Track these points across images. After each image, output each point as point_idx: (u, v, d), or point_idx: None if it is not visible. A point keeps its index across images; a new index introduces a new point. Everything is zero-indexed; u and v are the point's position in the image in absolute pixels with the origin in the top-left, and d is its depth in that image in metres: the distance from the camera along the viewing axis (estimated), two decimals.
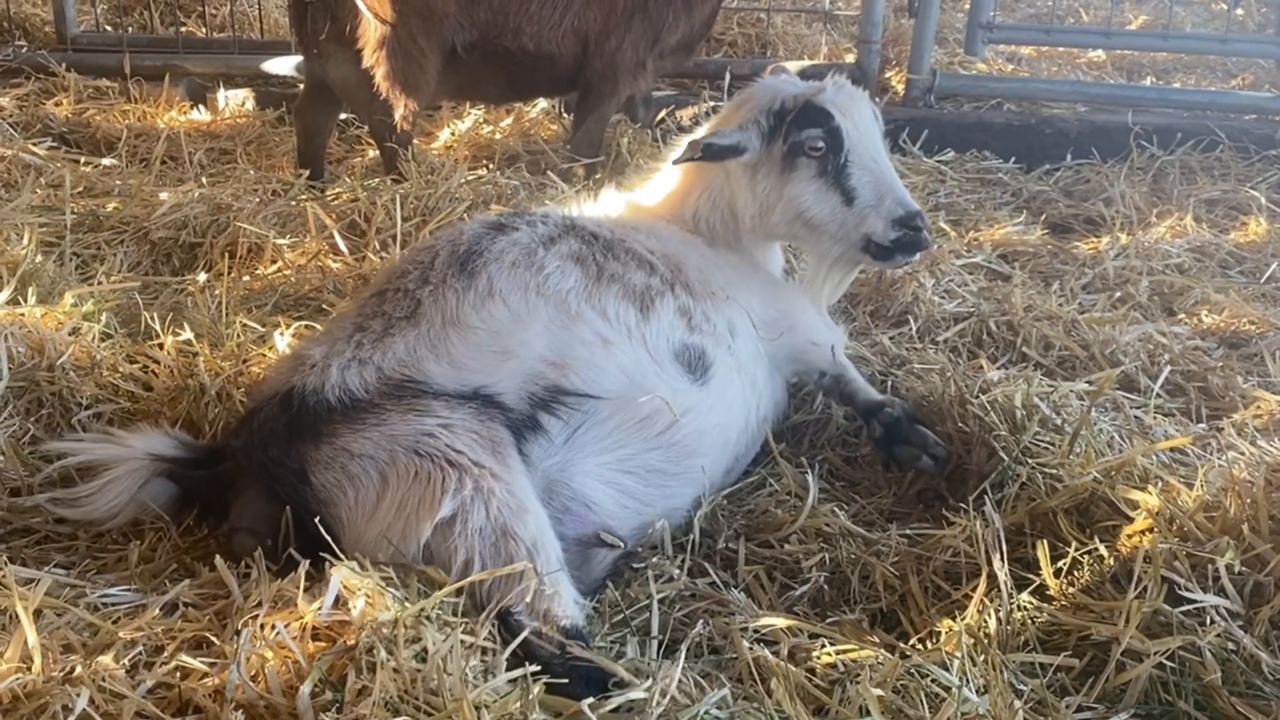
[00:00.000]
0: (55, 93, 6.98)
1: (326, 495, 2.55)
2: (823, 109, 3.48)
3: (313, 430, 2.62)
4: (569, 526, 2.69)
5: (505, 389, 2.75)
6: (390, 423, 2.60)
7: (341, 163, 6.39)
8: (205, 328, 3.79)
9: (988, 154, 6.65)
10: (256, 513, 2.63)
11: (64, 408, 3.33)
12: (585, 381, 2.83)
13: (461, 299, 2.91)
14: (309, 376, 2.72)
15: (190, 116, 6.93)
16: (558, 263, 3.05)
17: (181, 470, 2.75)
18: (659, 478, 2.91)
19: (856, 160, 3.47)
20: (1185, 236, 5.39)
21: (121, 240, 4.75)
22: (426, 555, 2.45)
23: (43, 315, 3.59)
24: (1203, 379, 3.91)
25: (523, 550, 2.41)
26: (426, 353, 2.78)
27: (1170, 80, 8.51)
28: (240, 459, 2.69)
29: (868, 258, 3.56)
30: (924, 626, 2.65)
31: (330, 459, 2.57)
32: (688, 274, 3.28)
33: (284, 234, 4.73)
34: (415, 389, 2.69)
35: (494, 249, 3.06)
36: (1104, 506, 2.80)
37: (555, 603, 2.38)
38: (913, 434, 3.29)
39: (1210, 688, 2.35)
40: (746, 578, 2.87)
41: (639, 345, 2.99)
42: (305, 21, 5.52)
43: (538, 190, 5.16)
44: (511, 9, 5.45)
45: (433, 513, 2.43)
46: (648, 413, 2.87)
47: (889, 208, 3.45)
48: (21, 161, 5.57)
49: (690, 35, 5.90)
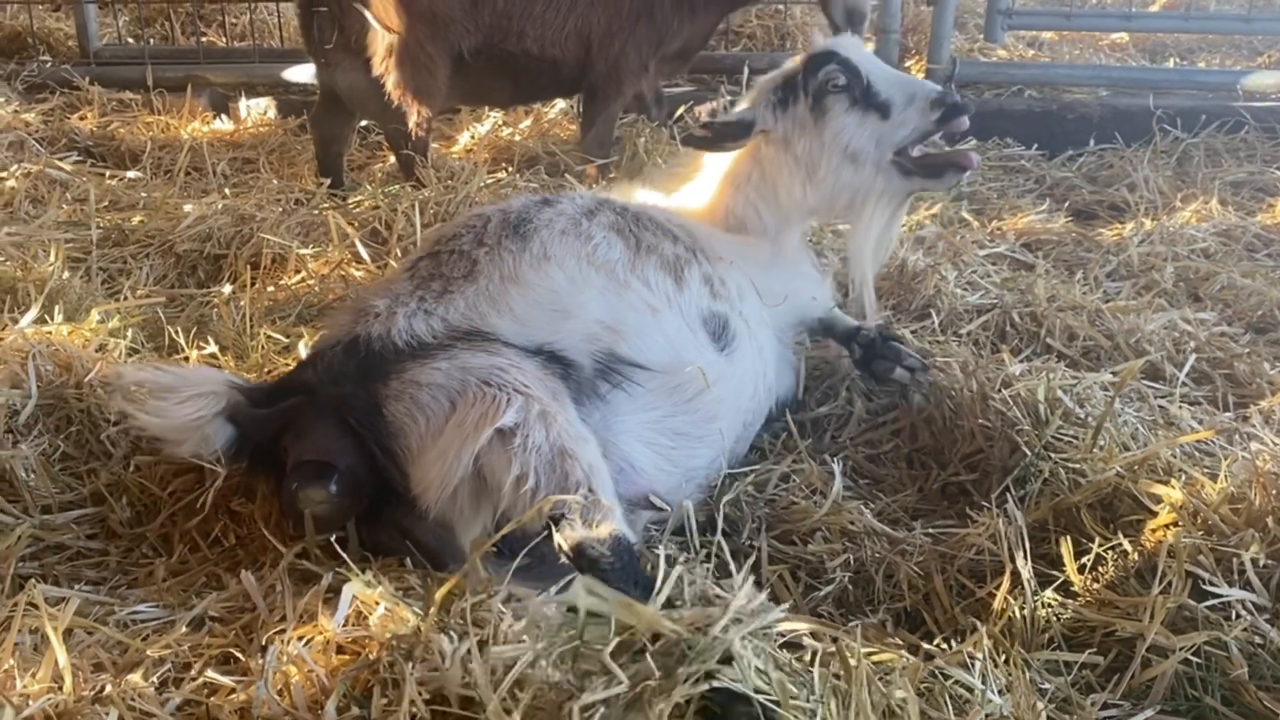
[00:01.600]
0: (80, 107, 7.05)
1: (398, 425, 2.54)
2: (825, 51, 3.62)
3: (381, 371, 2.61)
4: (623, 487, 2.68)
5: (568, 346, 2.79)
6: (461, 357, 2.61)
7: (363, 169, 6.42)
8: (230, 340, 3.83)
9: (1010, 141, 6.63)
10: (325, 450, 2.57)
11: (92, 425, 3.36)
12: (635, 350, 2.88)
13: (518, 259, 2.96)
14: (373, 325, 2.73)
15: (213, 126, 6.99)
16: (603, 233, 3.13)
17: (245, 409, 2.67)
18: (684, 440, 2.95)
19: (877, 77, 3.59)
20: (1211, 220, 5.34)
21: (147, 254, 4.79)
22: (476, 473, 2.42)
23: (70, 333, 3.63)
24: (1229, 366, 3.87)
25: (579, 470, 2.39)
26: (488, 308, 2.82)
27: (1194, 60, 8.44)
28: (308, 394, 2.65)
29: (918, 180, 3.64)
30: (948, 626, 2.65)
31: (399, 391, 2.57)
32: (701, 242, 3.36)
33: (307, 243, 4.76)
34: (485, 335, 2.72)
35: (543, 217, 3.14)
36: (1128, 501, 2.78)
37: (609, 518, 2.34)
38: (887, 349, 3.50)
39: (1237, 683, 2.33)
40: (771, 578, 2.87)
41: (678, 314, 3.07)
42: (313, 31, 5.56)
43: (557, 192, 5.16)
44: (515, 13, 5.47)
45: (494, 420, 2.41)
46: (681, 380, 2.93)
47: (922, 97, 3.56)
48: (48, 176, 5.63)
49: (692, 41, 5.91)
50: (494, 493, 2.41)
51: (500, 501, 2.40)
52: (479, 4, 5.43)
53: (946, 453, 3.34)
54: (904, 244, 4.72)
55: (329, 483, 2.52)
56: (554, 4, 5.53)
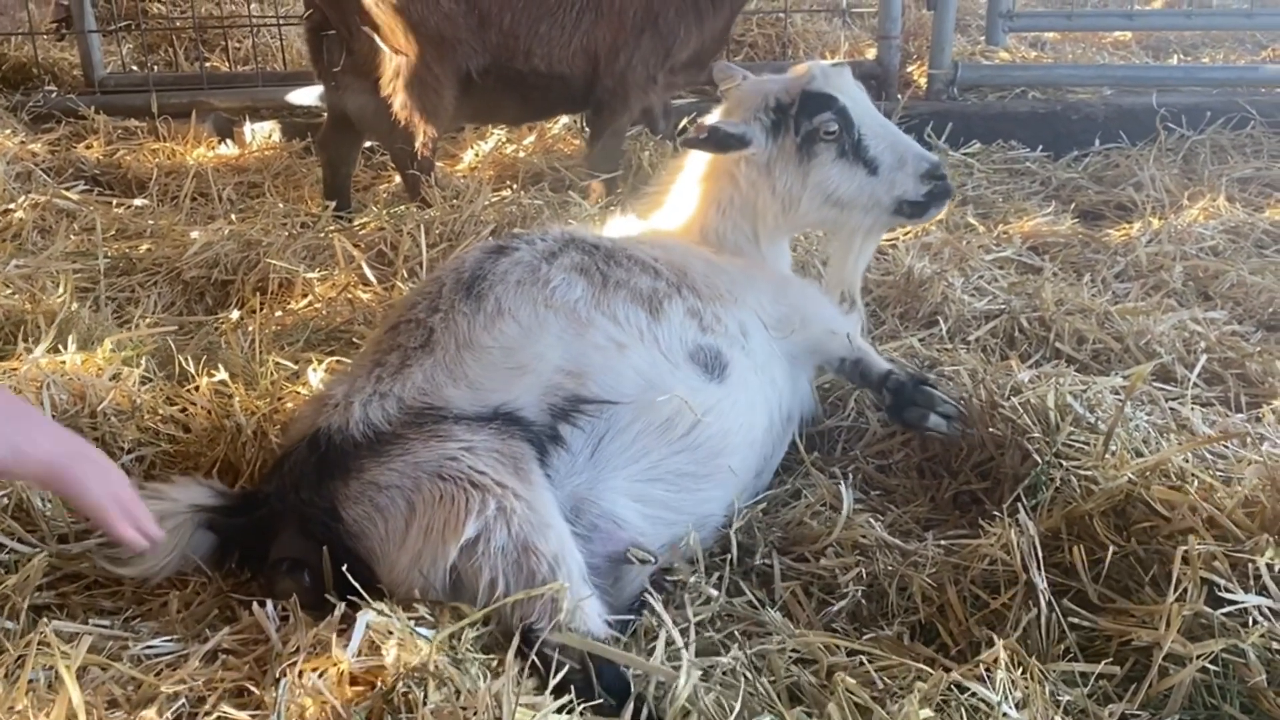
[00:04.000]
0: (86, 136, 7.07)
1: (358, 529, 2.58)
2: (823, 93, 3.56)
3: (341, 467, 2.65)
4: (598, 544, 2.69)
5: (524, 404, 2.77)
6: (414, 451, 2.62)
7: (368, 190, 6.43)
8: (239, 367, 3.83)
9: (1014, 144, 6.62)
10: (295, 550, 2.65)
11: (107, 452, 3.33)
12: (603, 388, 2.85)
13: (472, 321, 2.93)
14: (333, 416, 2.76)
15: (218, 151, 7.01)
16: (563, 275, 3.08)
17: (220, 519, 2.78)
18: (688, 481, 2.91)
19: (869, 131, 3.57)
20: (1219, 218, 5.32)
21: (155, 282, 4.80)
22: (454, 577, 2.47)
23: (83, 362, 3.65)
24: (1240, 366, 3.85)
25: (544, 565, 2.43)
26: (444, 378, 2.80)
27: (1199, 55, 8.42)
28: (274, 503, 2.72)
29: (901, 218, 3.68)
30: (963, 638, 2.63)
31: (359, 493, 2.60)
32: (693, 278, 3.30)
33: (313, 267, 4.77)
34: (436, 415, 2.71)
35: (497, 270, 3.09)
36: (1141, 507, 2.76)
37: (578, 616, 2.39)
38: (919, 395, 3.33)
39: (1256, 690, 2.32)
40: (784, 594, 2.86)
41: (652, 346, 3.01)
42: (322, 53, 5.59)
43: (561, 209, 5.18)
44: (521, 31, 5.48)
45: (458, 535, 2.45)
46: (668, 415, 2.88)
47: (913, 165, 3.56)
48: (55, 207, 5.65)
49: (701, 50, 5.90)
50: (469, 593, 2.46)
51: (476, 601, 2.44)
52: (485, 24, 5.44)
53: (957, 462, 3.32)
54: (910, 251, 4.72)
55: (302, 578, 2.59)
56: (559, 21, 5.53)
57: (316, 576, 2.60)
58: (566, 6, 5.53)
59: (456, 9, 5.39)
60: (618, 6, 5.59)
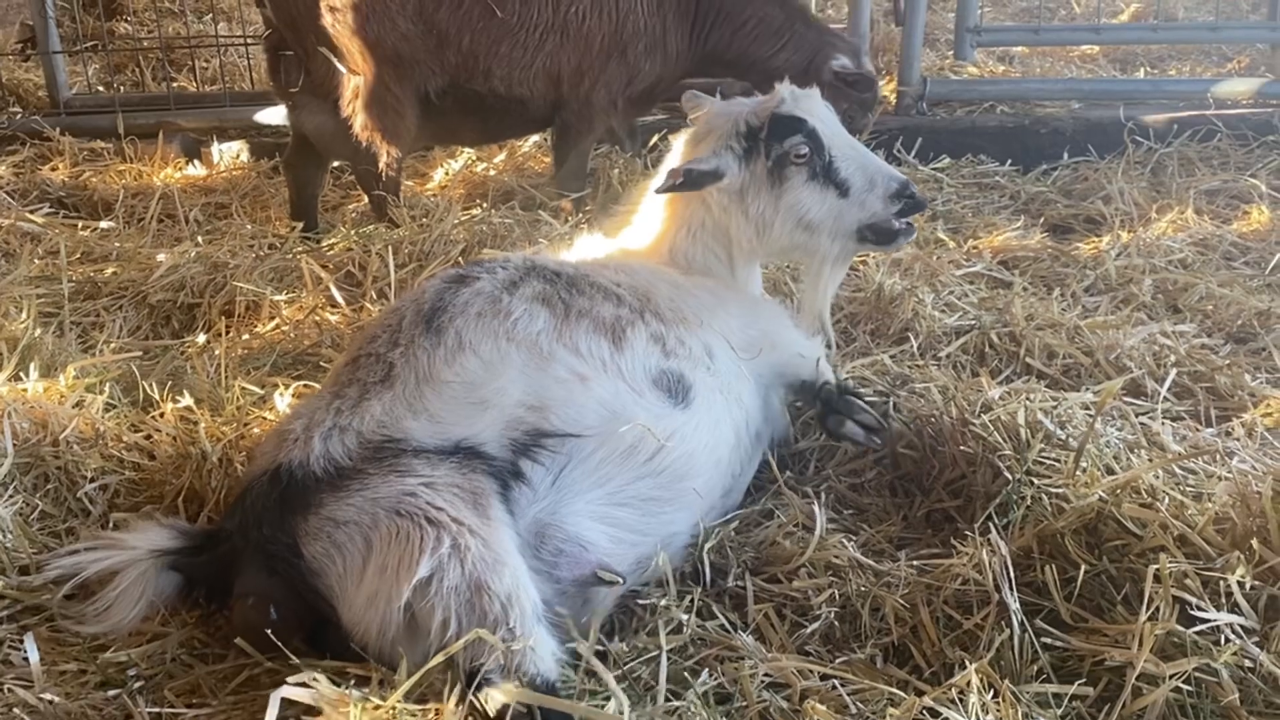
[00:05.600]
0: (51, 157, 7.02)
1: (317, 566, 2.55)
2: (793, 116, 3.55)
3: (301, 503, 2.61)
4: (565, 569, 2.67)
5: (486, 438, 2.74)
6: (372, 486, 2.59)
7: (336, 210, 6.40)
8: (205, 393, 3.79)
9: (983, 158, 6.64)
10: (259, 584, 2.62)
11: (70, 481, 3.33)
12: (565, 421, 2.81)
13: (432, 356, 2.90)
14: (293, 451, 2.72)
15: (186, 172, 6.96)
16: (524, 306, 3.05)
17: (184, 558, 2.74)
18: (653, 505, 2.89)
19: (839, 153, 3.56)
20: (1187, 230, 5.36)
21: (120, 305, 4.75)
22: (409, 617, 2.44)
23: (45, 390, 3.60)
24: (1210, 379, 3.86)
25: (496, 605, 2.39)
26: (404, 411, 2.77)
27: (1165, 68, 8.49)
28: (236, 539, 2.69)
29: (869, 245, 3.66)
30: (936, 659, 2.62)
31: (318, 529, 2.57)
32: (657, 302, 3.28)
33: (280, 289, 4.73)
34: (395, 448, 2.68)
35: (458, 302, 3.05)
36: (1112, 525, 2.75)
37: (528, 659, 2.35)
38: (840, 403, 3.39)
39: (1229, 709, 2.31)
40: (756, 617, 2.84)
41: (615, 377, 2.98)
42: (279, 73, 5.56)
43: (531, 228, 5.15)
44: (481, 52, 5.46)
45: (411, 573, 2.41)
46: (631, 442, 2.85)
47: (883, 185, 3.55)
48: (20, 229, 5.59)
49: (657, 87, 5.91)
50: (424, 633, 2.42)
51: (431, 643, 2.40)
52: (444, 45, 5.42)
53: (929, 480, 3.31)
54: (880, 268, 4.71)
55: (266, 613, 2.58)
56: (521, 43, 5.51)
57: (283, 611, 2.58)
58: (529, 28, 5.51)
59: (414, 29, 5.37)
60: (585, 31, 5.57)
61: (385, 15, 5.31)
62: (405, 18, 5.33)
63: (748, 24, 5.78)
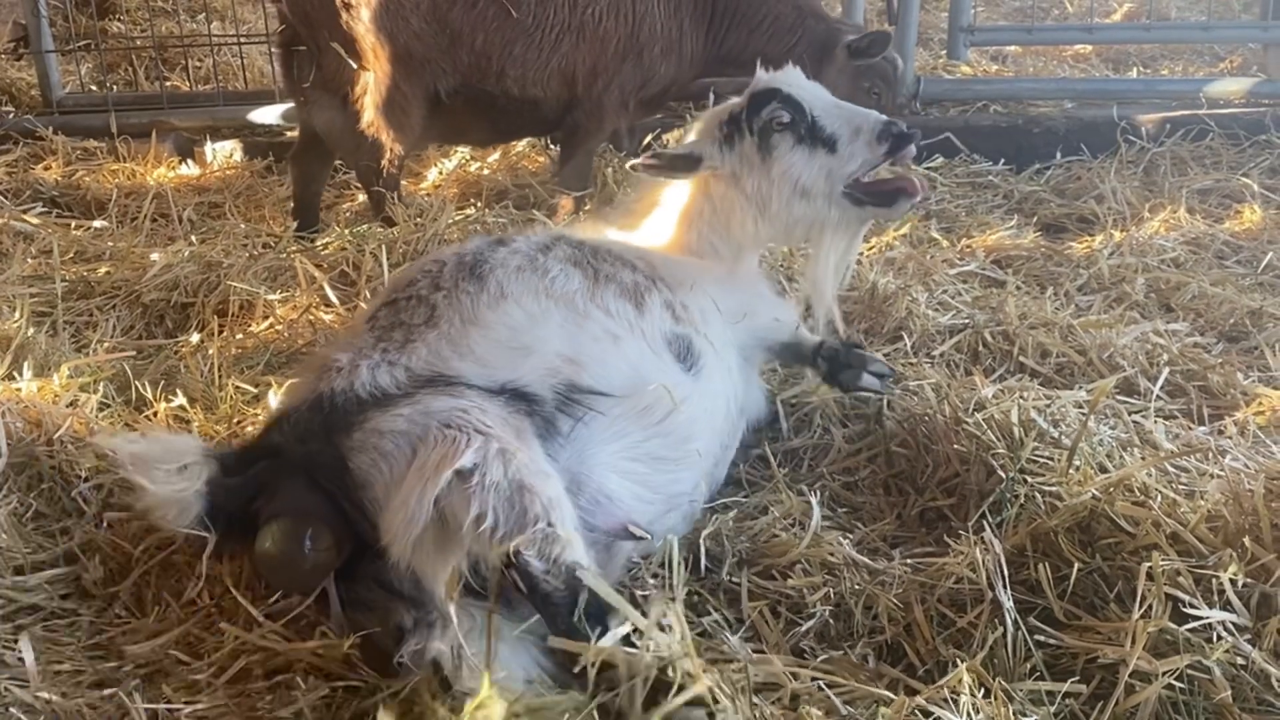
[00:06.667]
0: (44, 157, 7.00)
1: (364, 477, 2.54)
2: (767, 88, 3.61)
3: (345, 424, 2.61)
4: (600, 518, 2.70)
5: (530, 381, 2.78)
6: (424, 401, 2.61)
7: (330, 209, 6.39)
8: (199, 392, 3.79)
9: (977, 157, 6.65)
10: (296, 502, 2.58)
11: (64, 481, 3.32)
12: (596, 378, 2.86)
13: (476, 300, 2.96)
14: (336, 380, 2.72)
15: (179, 171, 6.95)
16: (560, 266, 3.14)
17: (218, 479, 2.64)
18: (661, 464, 2.94)
19: (820, 112, 3.59)
20: (1179, 229, 5.37)
21: (113, 305, 4.74)
22: (438, 517, 2.40)
23: (39, 389, 3.59)
24: (1203, 378, 3.87)
25: (538, 504, 2.38)
26: (450, 351, 2.80)
27: (1158, 67, 8.51)
28: (277, 455, 2.67)
29: (870, 209, 3.63)
30: (930, 657, 2.62)
31: (362, 442, 2.57)
32: (661, 270, 3.36)
33: (274, 288, 4.72)
34: (446, 380, 2.71)
35: (498, 256, 3.14)
36: (1105, 523, 2.76)
37: (567, 551, 2.35)
38: (851, 357, 3.49)
39: (1221, 706, 2.32)
40: (751, 614, 2.84)
41: (639, 338, 3.06)
42: (293, 68, 5.56)
43: (526, 226, 5.16)
44: (494, 52, 5.45)
45: (453, 462, 2.40)
46: (648, 402, 2.91)
47: (868, 130, 3.54)
48: (13, 229, 5.58)
49: (667, 90, 5.92)
50: (455, 533, 2.39)
51: (463, 542, 2.38)
52: (457, 43, 5.41)
53: (923, 478, 3.33)
54: (874, 266, 4.73)
55: (300, 540, 2.52)
56: (536, 43, 5.50)
57: (317, 541, 2.53)
58: (545, 28, 5.50)
59: (427, 28, 5.37)
60: (601, 32, 5.57)
61: (398, 13, 5.31)
62: (418, 16, 5.34)
63: (763, 23, 5.80)
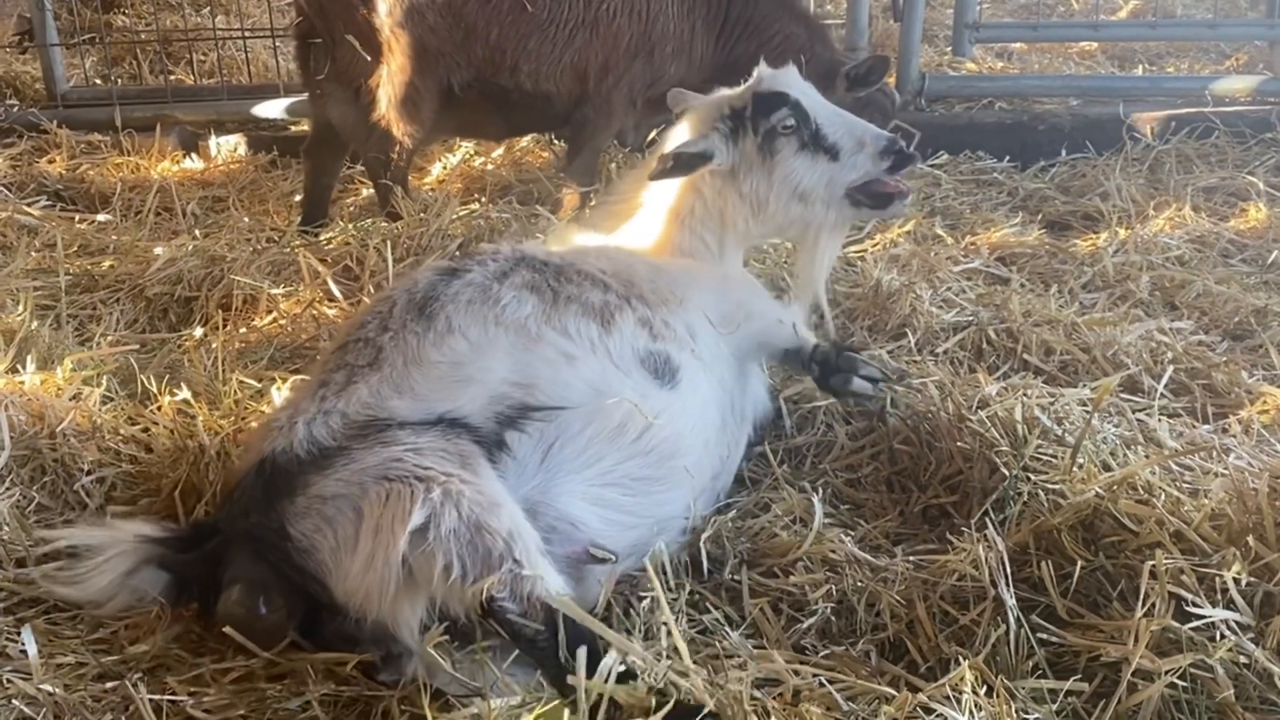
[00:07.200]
0: (48, 150, 7.01)
1: (306, 544, 2.55)
2: (774, 91, 3.63)
3: (287, 487, 2.61)
4: (557, 545, 2.67)
5: (469, 411, 2.76)
6: (358, 459, 2.60)
7: (334, 204, 6.38)
8: (202, 386, 3.79)
9: (982, 154, 6.63)
10: (246, 572, 2.61)
11: (67, 474, 3.33)
12: (551, 397, 2.85)
13: (422, 340, 2.93)
14: (278, 440, 2.72)
15: (183, 165, 6.96)
16: (513, 293, 3.10)
17: (171, 554, 2.72)
18: (644, 485, 2.91)
19: (824, 120, 3.64)
20: (1184, 227, 5.36)
21: (117, 299, 4.75)
22: (408, 571, 2.42)
23: (42, 382, 3.60)
24: (1207, 376, 3.86)
25: (499, 541, 2.40)
26: (390, 391, 2.79)
27: (1163, 65, 8.48)
28: (224, 530, 2.69)
29: (866, 210, 3.71)
30: (932, 655, 2.62)
31: (305, 508, 2.57)
32: (641, 286, 3.32)
33: (278, 283, 4.73)
34: (380, 425, 2.69)
35: (449, 292, 3.09)
36: (1108, 521, 2.76)
37: (538, 586, 2.37)
38: (842, 360, 3.40)
39: (1224, 705, 2.31)
40: (753, 611, 2.84)
41: (603, 357, 3.02)
42: (308, 61, 5.59)
43: (529, 222, 5.15)
44: (508, 46, 5.47)
45: (405, 524, 2.41)
46: (620, 421, 2.88)
47: (872, 144, 3.61)
48: (17, 222, 5.59)
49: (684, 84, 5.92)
50: (424, 585, 2.42)
51: (433, 591, 2.41)
52: (471, 37, 5.43)
53: (926, 475, 3.32)
54: (878, 263, 4.72)
55: (255, 602, 2.56)
56: (550, 38, 5.53)
57: (272, 601, 2.57)
58: (559, 23, 5.52)
59: (441, 22, 5.39)
60: (614, 29, 5.60)
61: (414, 7, 5.34)
62: (434, 10, 5.36)
63: (774, 39, 5.82)
